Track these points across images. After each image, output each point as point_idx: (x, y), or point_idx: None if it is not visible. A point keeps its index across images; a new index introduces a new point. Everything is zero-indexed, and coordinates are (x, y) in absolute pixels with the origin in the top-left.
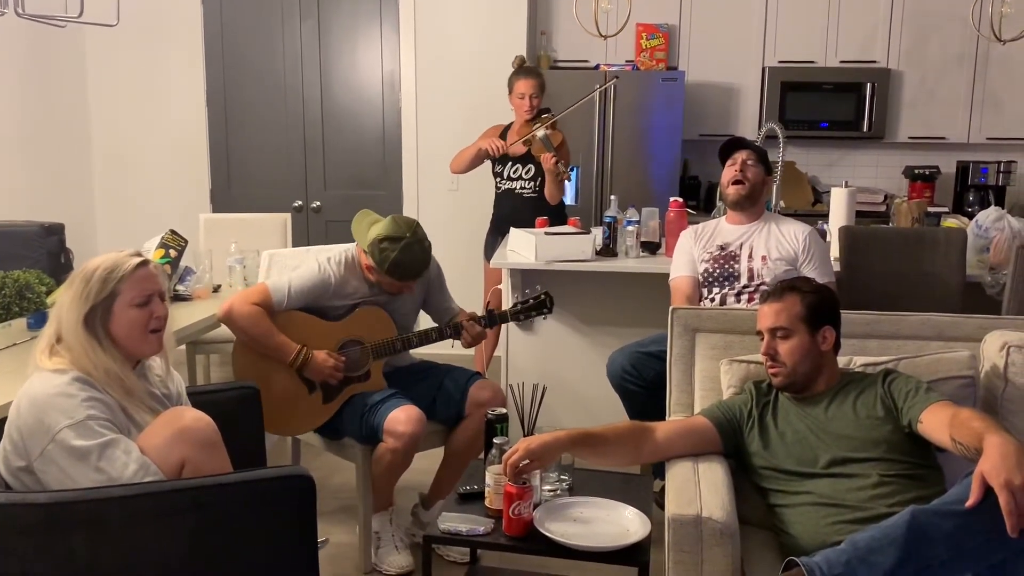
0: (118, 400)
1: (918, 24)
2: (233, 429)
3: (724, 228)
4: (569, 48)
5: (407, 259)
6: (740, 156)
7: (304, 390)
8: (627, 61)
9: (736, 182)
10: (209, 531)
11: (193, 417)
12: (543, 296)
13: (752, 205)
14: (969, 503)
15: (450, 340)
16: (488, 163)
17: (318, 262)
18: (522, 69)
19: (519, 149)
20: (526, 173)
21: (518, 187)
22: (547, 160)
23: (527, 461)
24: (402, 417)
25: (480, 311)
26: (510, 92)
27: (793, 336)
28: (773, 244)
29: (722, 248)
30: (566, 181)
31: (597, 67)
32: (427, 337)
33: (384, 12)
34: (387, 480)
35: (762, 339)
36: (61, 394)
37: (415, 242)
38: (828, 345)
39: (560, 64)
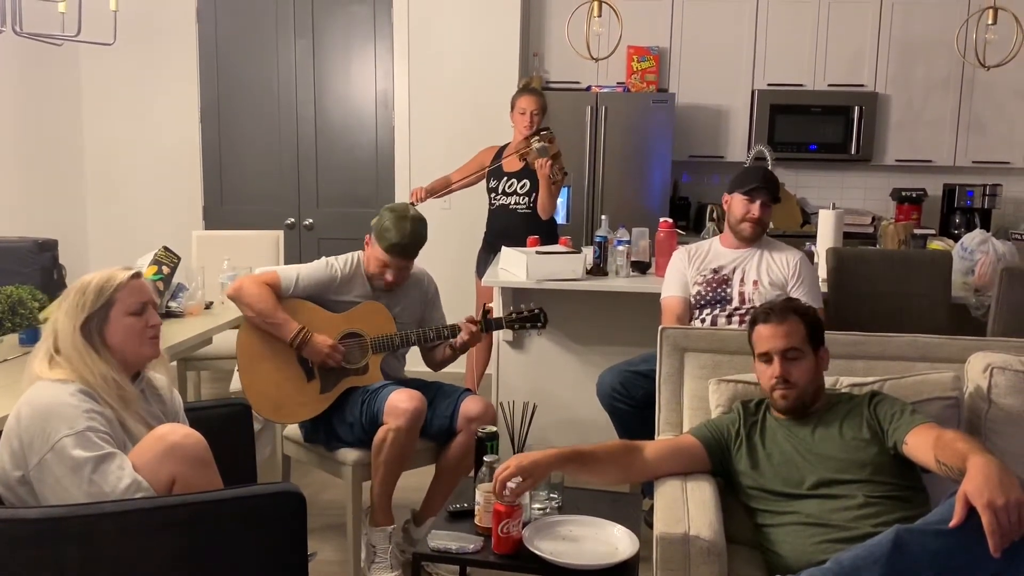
0: (116, 413)
1: (904, 49)
2: (224, 446)
3: (718, 251)
4: (561, 70)
5: (396, 228)
6: (760, 199)
7: (303, 377)
8: (618, 83)
9: (750, 220)
10: (200, 547)
11: (183, 434)
12: (539, 311)
13: (758, 238)
14: (953, 523)
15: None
16: (483, 181)
17: (327, 260)
18: (526, 88)
19: (515, 164)
20: (521, 188)
21: (512, 202)
22: (543, 165)
23: (519, 479)
24: (403, 396)
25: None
26: (512, 110)
27: (803, 358)
28: (764, 270)
29: (715, 272)
30: (559, 193)
31: (588, 89)
32: (425, 337)
33: (378, 30)
34: (388, 469)
35: (766, 361)
36: (64, 403)
37: (410, 219)
38: (826, 365)
39: (552, 85)
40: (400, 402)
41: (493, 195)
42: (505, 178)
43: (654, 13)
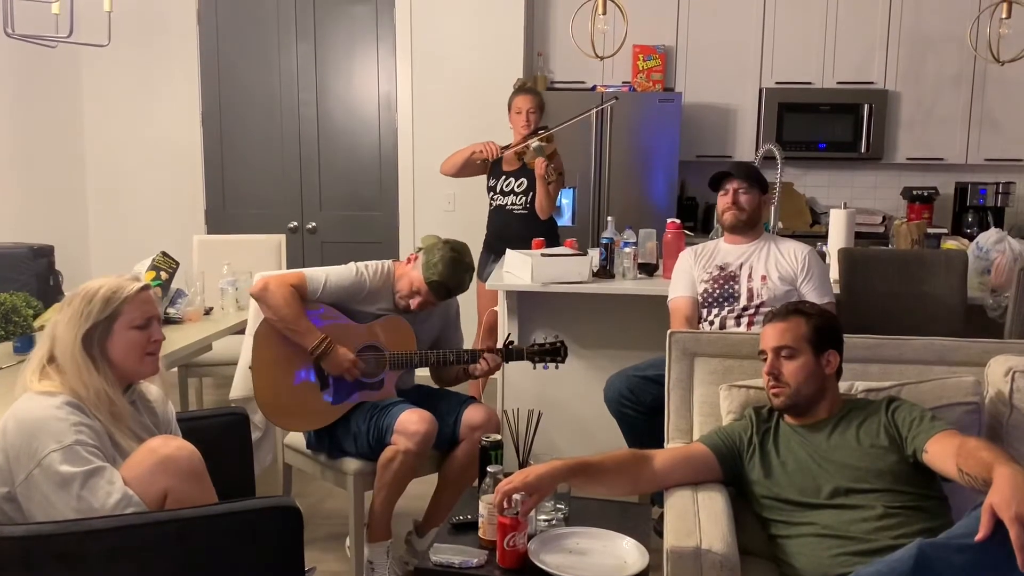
0: (106, 426)
1: (915, 45)
2: (220, 457)
3: (724, 248)
4: (566, 69)
5: (449, 269)
6: (731, 186)
7: (316, 385)
8: (624, 82)
9: (730, 209)
10: (193, 564)
11: (176, 446)
12: (560, 344)
13: (751, 228)
14: (979, 537)
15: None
16: (483, 179)
17: (356, 266)
18: (522, 88)
19: (513, 162)
20: (519, 187)
21: (509, 202)
22: (539, 165)
23: (524, 495)
24: (414, 418)
25: (474, 329)
26: (509, 110)
27: (798, 356)
28: (772, 264)
29: (722, 268)
30: (557, 193)
31: (594, 88)
32: (445, 360)
33: (380, 32)
34: (391, 489)
35: (764, 359)
36: (51, 417)
37: (465, 266)
38: (832, 369)
39: (557, 85)
40: (411, 423)
41: (491, 194)
42: (503, 177)
43: (660, 11)
